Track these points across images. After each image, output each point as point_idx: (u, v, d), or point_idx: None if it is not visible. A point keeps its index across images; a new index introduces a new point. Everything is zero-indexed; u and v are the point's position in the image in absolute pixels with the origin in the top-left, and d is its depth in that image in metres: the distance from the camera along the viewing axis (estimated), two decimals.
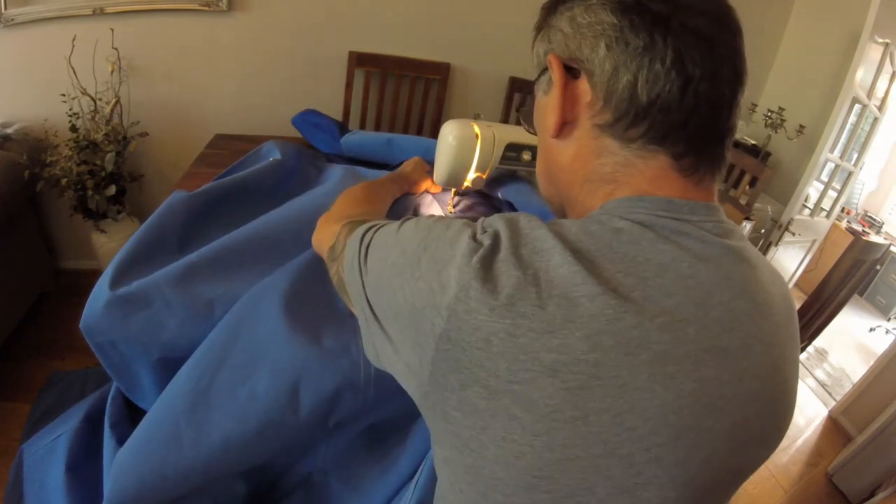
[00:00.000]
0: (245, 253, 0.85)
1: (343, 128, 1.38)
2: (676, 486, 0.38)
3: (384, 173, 1.07)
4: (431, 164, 1.14)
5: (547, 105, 0.46)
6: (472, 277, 0.36)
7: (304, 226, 0.82)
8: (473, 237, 0.39)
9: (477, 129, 0.94)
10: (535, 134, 0.53)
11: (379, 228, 0.48)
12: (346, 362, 0.69)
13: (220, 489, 0.72)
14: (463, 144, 0.94)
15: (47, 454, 0.82)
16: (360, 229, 0.51)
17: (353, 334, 0.72)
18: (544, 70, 0.47)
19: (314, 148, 1.36)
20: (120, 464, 0.66)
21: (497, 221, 0.40)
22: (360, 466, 0.73)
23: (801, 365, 2.56)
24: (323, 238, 0.65)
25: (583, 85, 0.43)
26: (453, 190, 1.08)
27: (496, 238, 0.38)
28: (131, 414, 0.82)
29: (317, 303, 0.77)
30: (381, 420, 0.75)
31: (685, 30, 0.39)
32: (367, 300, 0.46)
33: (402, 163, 1.14)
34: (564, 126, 0.45)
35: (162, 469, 0.65)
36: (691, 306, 0.38)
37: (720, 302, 0.39)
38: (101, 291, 0.77)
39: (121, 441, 0.70)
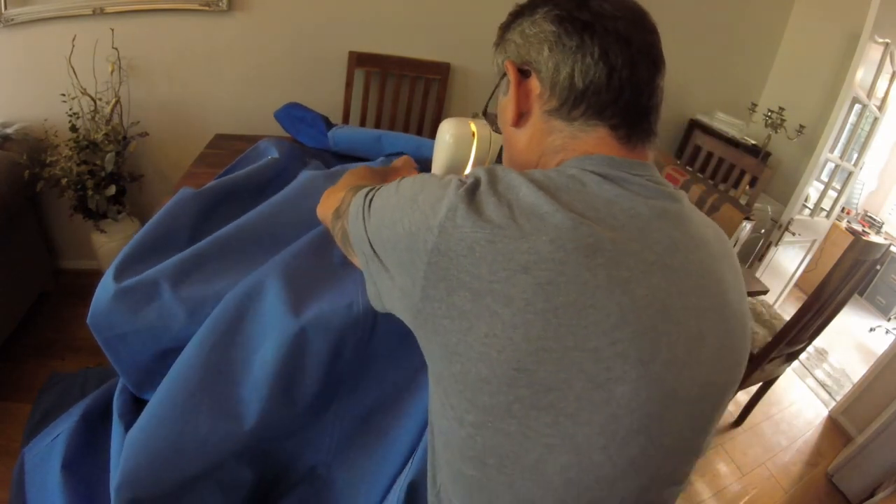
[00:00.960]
0: (249, 242, 0.87)
1: (329, 122, 1.39)
2: (646, 385, 0.44)
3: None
4: (422, 160, 1.16)
5: (507, 102, 0.57)
6: (458, 202, 0.44)
7: (304, 213, 0.88)
8: (460, 180, 0.48)
9: (474, 128, 0.95)
10: (499, 133, 0.63)
11: (381, 188, 0.56)
12: (347, 318, 0.72)
13: (227, 475, 0.72)
14: (460, 142, 0.95)
15: (46, 455, 0.82)
16: (364, 190, 0.59)
17: (352, 298, 0.75)
18: (504, 76, 0.57)
19: (299, 142, 1.37)
20: (133, 443, 0.66)
21: (479, 170, 0.49)
22: (361, 452, 0.74)
23: (801, 365, 2.56)
24: (328, 204, 0.72)
25: (533, 82, 0.54)
26: None
27: (477, 178, 0.47)
28: (139, 408, 0.82)
29: (316, 275, 0.81)
30: (377, 404, 0.76)
31: (607, 31, 0.50)
32: (369, 240, 0.54)
33: (388, 156, 1.15)
34: (521, 116, 0.56)
35: (178, 443, 0.66)
36: (634, 230, 0.46)
37: (658, 229, 0.47)
38: (106, 285, 0.78)
39: (130, 429, 0.70)
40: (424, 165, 1.17)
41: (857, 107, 2.26)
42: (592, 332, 0.41)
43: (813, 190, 2.46)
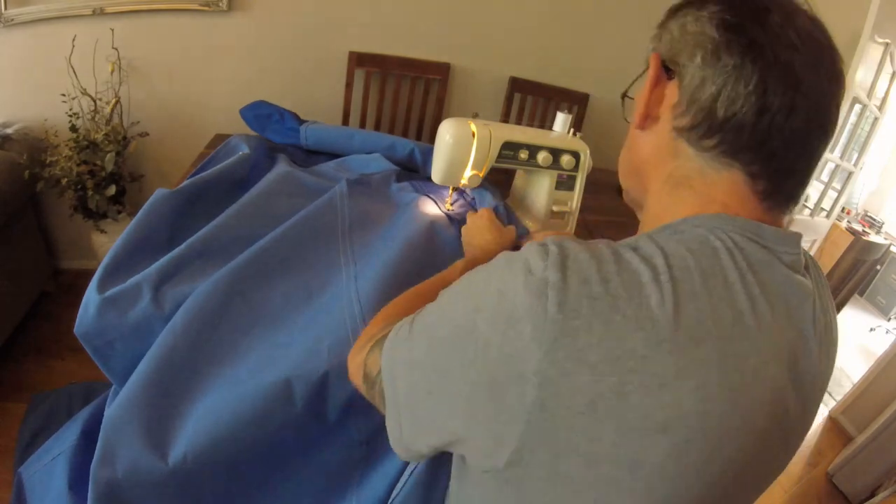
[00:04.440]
0: (228, 241, 0.87)
1: (298, 118, 1.37)
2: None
3: (329, 167, 1.15)
4: (395, 160, 1.20)
5: (640, 98, 0.48)
6: (557, 333, 0.31)
7: (276, 210, 0.94)
8: (529, 270, 0.34)
9: (473, 128, 0.95)
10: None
11: (399, 329, 0.45)
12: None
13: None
14: (459, 143, 0.95)
15: (47, 474, 0.81)
16: (385, 344, 0.47)
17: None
18: (646, 69, 0.48)
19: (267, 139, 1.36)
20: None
21: (566, 242, 0.36)
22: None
23: None
24: (353, 368, 0.55)
25: (672, 87, 0.45)
26: (451, 188, 1.09)
27: (563, 267, 0.33)
28: None
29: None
30: None
31: (776, 61, 0.39)
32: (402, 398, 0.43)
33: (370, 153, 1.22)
34: (647, 119, 0.47)
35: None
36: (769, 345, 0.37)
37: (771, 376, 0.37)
38: (90, 296, 0.78)
39: None
40: (397, 165, 1.19)
41: (857, 107, 2.26)
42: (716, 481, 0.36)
43: (813, 190, 2.45)
